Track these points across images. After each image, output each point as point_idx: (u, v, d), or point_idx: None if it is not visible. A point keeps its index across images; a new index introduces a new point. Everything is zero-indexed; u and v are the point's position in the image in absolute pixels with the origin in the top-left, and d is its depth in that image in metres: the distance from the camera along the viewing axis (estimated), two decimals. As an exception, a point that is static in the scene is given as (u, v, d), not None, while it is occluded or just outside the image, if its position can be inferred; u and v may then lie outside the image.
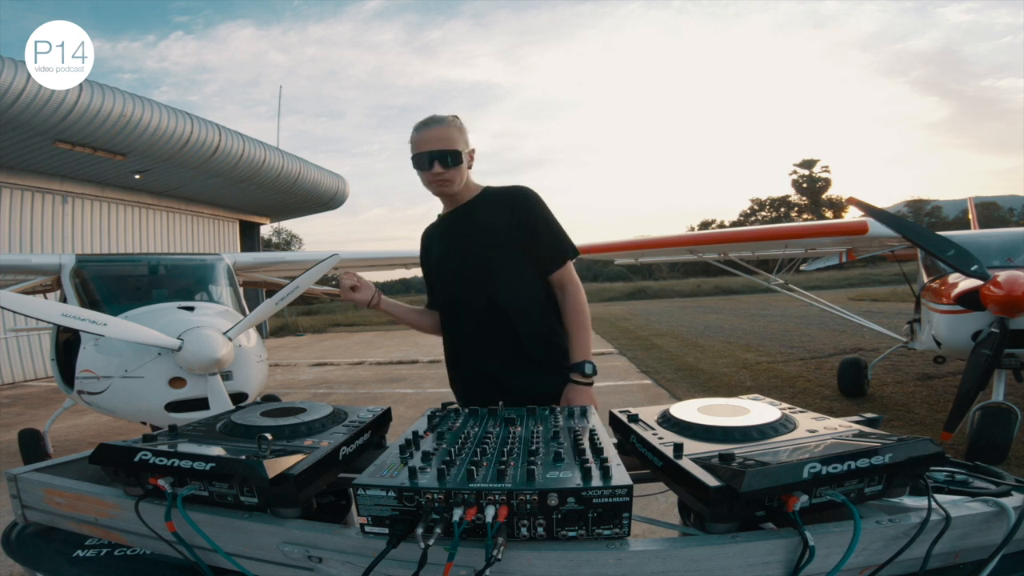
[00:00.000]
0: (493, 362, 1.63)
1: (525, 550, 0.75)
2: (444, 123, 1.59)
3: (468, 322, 1.66)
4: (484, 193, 1.70)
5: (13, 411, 7.22)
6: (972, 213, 8.79)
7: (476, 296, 1.63)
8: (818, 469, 0.73)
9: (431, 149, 1.57)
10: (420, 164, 1.60)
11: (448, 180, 1.60)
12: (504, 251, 1.62)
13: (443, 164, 1.58)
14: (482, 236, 1.63)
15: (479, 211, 1.66)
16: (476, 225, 1.65)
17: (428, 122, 1.60)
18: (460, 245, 1.67)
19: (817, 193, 51.91)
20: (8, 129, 8.17)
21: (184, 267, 4.87)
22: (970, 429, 3.67)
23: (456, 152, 1.58)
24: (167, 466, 0.88)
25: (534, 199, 1.65)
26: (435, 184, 1.62)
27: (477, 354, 1.66)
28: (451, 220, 1.72)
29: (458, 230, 1.68)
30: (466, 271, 1.65)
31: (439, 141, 1.57)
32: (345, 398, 7.24)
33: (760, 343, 10.12)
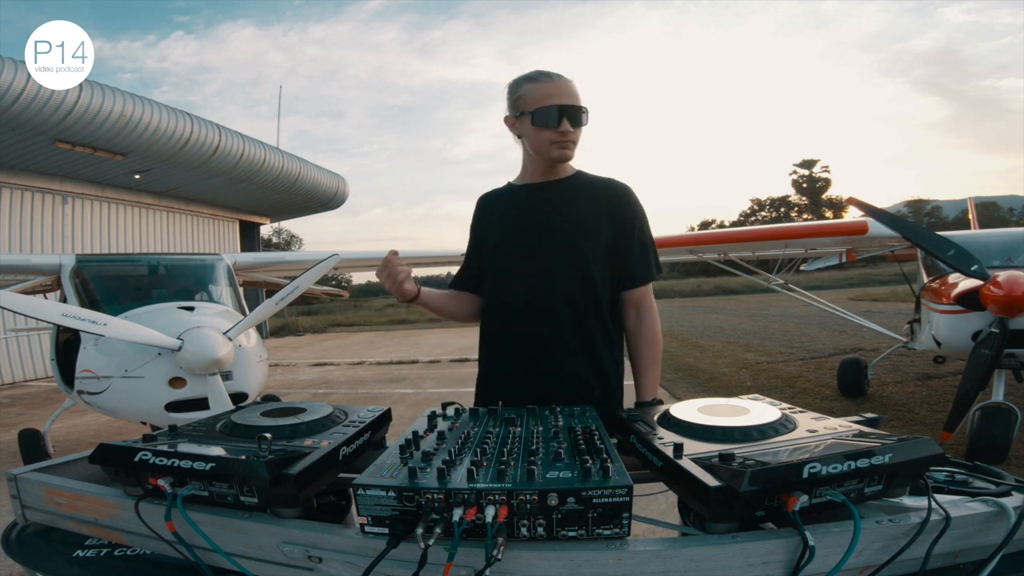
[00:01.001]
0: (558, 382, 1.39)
1: (525, 550, 0.75)
2: (568, 79, 1.38)
3: (524, 315, 1.41)
4: (577, 176, 1.47)
5: (13, 411, 7.22)
6: (972, 213, 8.79)
7: (542, 286, 1.40)
8: (818, 469, 0.73)
9: (563, 103, 1.34)
10: (546, 119, 1.34)
11: (573, 142, 1.38)
12: (590, 245, 1.39)
13: (574, 122, 1.36)
14: (569, 220, 1.40)
15: (570, 193, 1.43)
16: (564, 207, 1.41)
17: (551, 74, 1.37)
18: (538, 222, 1.42)
19: (817, 193, 51.92)
20: (8, 129, 8.17)
21: (184, 267, 4.88)
22: (970, 429, 3.67)
23: (586, 111, 1.37)
24: (167, 466, 0.88)
25: (636, 200, 1.46)
26: (559, 145, 1.37)
27: (522, 352, 1.42)
28: (530, 192, 1.46)
29: (539, 206, 1.43)
30: (538, 255, 1.41)
31: (571, 96, 1.36)
32: (345, 398, 7.24)
33: (760, 343, 10.12)
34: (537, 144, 1.40)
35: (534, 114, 1.36)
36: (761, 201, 55.66)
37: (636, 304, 1.45)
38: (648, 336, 1.44)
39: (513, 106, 1.42)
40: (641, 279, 1.45)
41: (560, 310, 1.39)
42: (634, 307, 1.46)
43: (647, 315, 1.45)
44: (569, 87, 1.37)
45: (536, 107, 1.36)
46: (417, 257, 8.06)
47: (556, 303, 1.39)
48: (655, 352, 1.44)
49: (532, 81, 1.38)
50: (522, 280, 1.43)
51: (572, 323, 1.40)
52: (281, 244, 38.68)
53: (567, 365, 1.40)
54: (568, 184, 1.45)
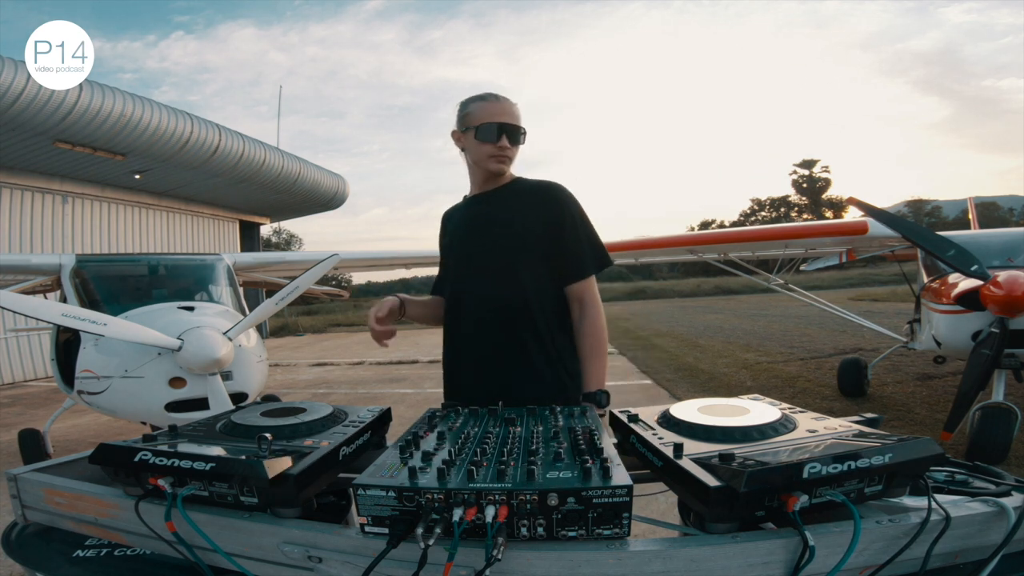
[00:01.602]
0: (494, 366, 1.49)
1: (525, 550, 0.75)
2: (512, 102, 1.52)
3: (472, 318, 1.53)
4: (515, 183, 1.58)
5: (13, 411, 7.22)
6: (972, 213, 8.79)
7: (487, 290, 1.50)
8: (818, 469, 0.73)
9: (505, 121, 1.48)
10: (487, 134, 1.48)
11: (509, 158, 1.52)
12: (527, 250, 1.50)
13: (512, 140, 1.50)
14: (505, 228, 1.51)
15: (507, 201, 1.55)
16: (501, 215, 1.53)
17: (498, 96, 1.52)
18: (480, 232, 1.55)
19: (817, 193, 51.93)
20: (8, 129, 8.17)
21: (184, 267, 4.88)
22: (970, 429, 3.67)
23: (524, 131, 1.52)
24: (167, 466, 0.88)
25: (569, 198, 1.54)
26: (496, 159, 1.51)
27: (477, 354, 1.53)
28: (475, 205, 1.60)
29: (482, 216, 1.56)
30: (481, 261, 1.53)
31: (512, 116, 1.50)
32: (345, 398, 7.24)
33: (760, 343, 10.12)
34: (477, 156, 1.53)
35: (478, 129, 1.49)
36: (761, 201, 55.70)
37: (578, 299, 1.52)
38: (589, 330, 1.50)
39: (460, 121, 1.55)
40: (577, 275, 1.51)
41: (509, 313, 1.49)
42: (577, 302, 1.53)
43: (589, 309, 1.51)
44: (512, 109, 1.51)
45: (480, 123, 1.49)
46: (417, 257, 8.07)
47: (503, 307, 1.49)
48: (597, 345, 1.50)
49: (480, 100, 1.52)
50: (464, 288, 1.56)
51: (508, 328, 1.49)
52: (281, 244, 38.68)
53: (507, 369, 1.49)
54: (505, 192, 1.57)
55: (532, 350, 1.49)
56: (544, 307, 1.50)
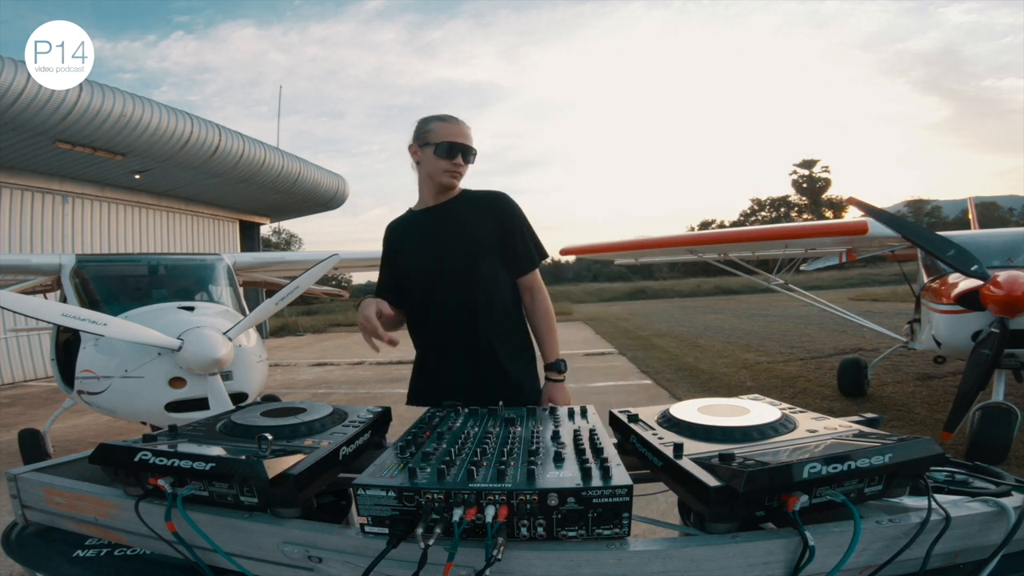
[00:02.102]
0: (468, 363, 1.65)
1: (525, 550, 0.75)
2: (466, 124, 1.72)
3: (444, 321, 1.66)
4: (463, 195, 1.75)
5: (13, 411, 7.22)
6: (972, 213, 8.78)
7: (455, 296, 1.65)
8: (818, 469, 0.73)
9: (462, 142, 1.66)
10: (446, 152, 1.65)
11: (461, 174, 1.69)
12: (486, 253, 1.68)
13: (465, 159, 1.68)
14: (464, 237, 1.67)
15: (460, 212, 1.71)
16: (458, 225, 1.69)
17: (456, 119, 1.70)
18: (441, 243, 1.68)
19: (817, 193, 51.91)
20: (8, 129, 8.16)
21: (184, 267, 4.87)
22: (970, 429, 3.67)
23: (475, 151, 1.70)
24: (167, 466, 0.88)
25: (513, 204, 1.74)
26: (449, 174, 1.67)
27: (450, 354, 1.67)
28: (429, 216, 1.73)
29: (438, 228, 1.70)
30: (446, 270, 1.66)
31: (466, 138, 1.68)
32: (345, 398, 7.24)
33: (760, 343, 10.12)
34: (432, 170, 1.68)
35: (437, 146, 1.66)
36: (761, 201, 55.68)
37: (529, 288, 1.73)
38: (541, 311, 1.73)
39: (419, 137, 1.70)
40: (528, 267, 1.73)
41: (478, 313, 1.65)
42: (528, 291, 1.74)
43: (538, 295, 1.74)
44: (467, 131, 1.70)
45: (439, 141, 1.66)
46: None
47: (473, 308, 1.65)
48: (549, 323, 1.73)
49: (440, 121, 1.69)
50: (432, 290, 1.68)
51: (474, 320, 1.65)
52: (281, 244, 38.67)
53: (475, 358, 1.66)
54: (454, 206, 1.73)
55: (496, 338, 1.66)
56: (503, 298, 1.70)
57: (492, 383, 1.62)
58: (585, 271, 46.52)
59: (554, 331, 1.73)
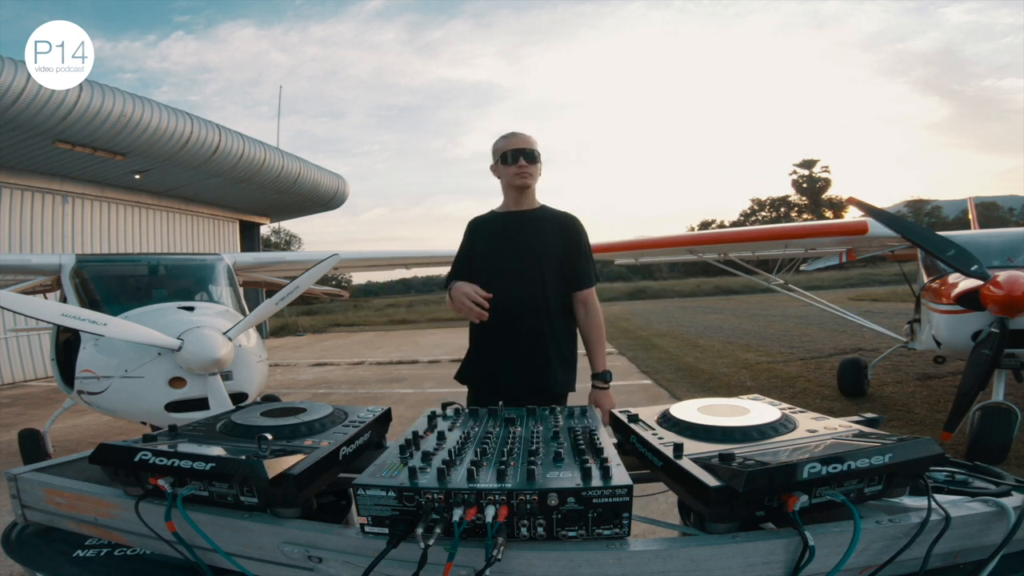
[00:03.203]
0: (525, 354, 1.83)
1: (525, 550, 0.75)
2: (527, 135, 1.93)
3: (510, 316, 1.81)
4: (543, 209, 1.97)
5: (13, 411, 7.21)
6: (972, 213, 8.78)
7: (524, 293, 1.83)
8: (818, 469, 0.73)
9: (520, 147, 1.88)
10: (509, 159, 1.88)
11: (529, 174, 1.88)
12: (555, 262, 1.88)
13: (528, 159, 1.87)
14: (540, 243, 1.88)
15: (539, 221, 1.92)
16: (535, 232, 1.90)
17: (515, 133, 1.92)
18: (514, 244, 1.89)
19: (817, 193, 51.87)
20: (8, 129, 8.16)
21: (184, 267, 4.87)
22: (970, 429, 3.67)
23: (537, 152, 1.90)
24: (167, 466, 0.88)
25: (583, 228, 1.97)
26: (519, 176, 1.87)
27: (511, 345, 1.84)
28: (511, 219, 1.94)
29: (518, 231, 1.91)
30: (512, 269, 1.85)
31: (526, 143, 1.89)
32: (345, 398, 7.24)
33: (760, 343, 10.12)
34: (507, 178, 1.91)
35: (502, 156, 1.91)
36: (761, 201, 55.63)
37: (584, 302, 1.92)
38: (593, 324, 1.92)
39: (493, 155, 1.97)
40: (585, 284, 1.92)
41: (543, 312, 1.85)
42: (582, 304, 1.92)
43: (592, 310, 1.93)
44: (527, 139, 1.91)
45: (503, 152, 1.91)
46: (417, 257, 8.06)
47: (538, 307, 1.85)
48: (600, 336, 1.93)
49: (503, 138, 1.94)
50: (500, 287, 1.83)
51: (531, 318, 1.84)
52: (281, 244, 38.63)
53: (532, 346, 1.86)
54: (534, 215, 1.95)
55: (548, 335, 1.86)
56: (557, 305, 1.89)
57: (533, 369, 1.83)
58: (585, 271, 46.36)
59: (604, 343, 1.92)
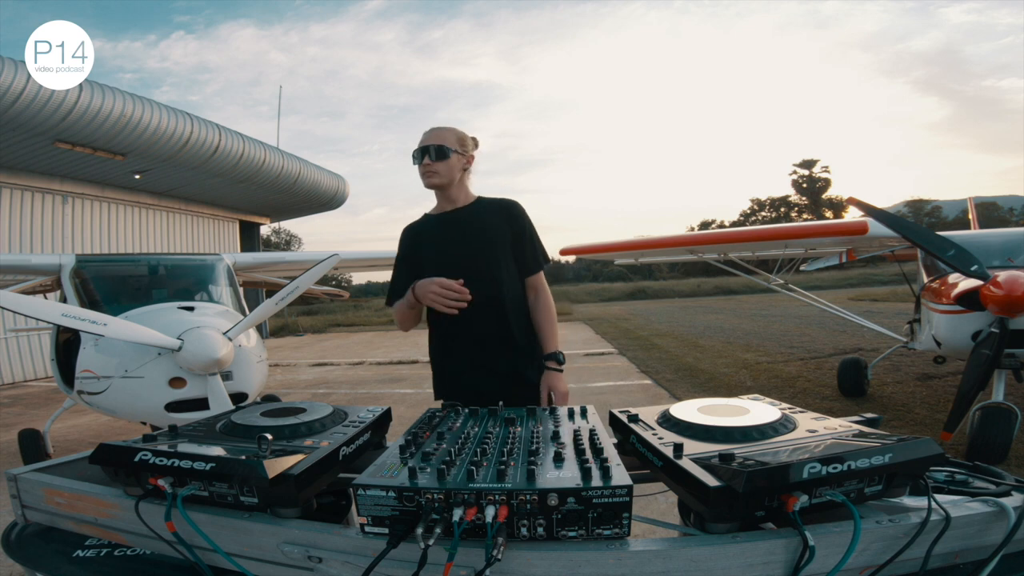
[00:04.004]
0: (488, 352, 1.78)
1: (525, 550, 0.75)
2: (442, 128, 1.84)
3: (467, 316, 1.72)
4: (479, 201, 1.89)
5: (13, 411, 7.21)
6: (972, 213, 8.78)
7: (480, 291, 1.73)
8: (818, 469, 0.73)
9: (423, 144, 1.80)
10: (416, 158, 1.81)
11: (435, 172, 1.79)
12: (502, 253, 1.81)
13: (434, 156, 1.78)
14: (483, 238, 1.80)
15: (477, 216, 1.84)
16: (476, 228, 1.82)
17: (430, 129, 1.84)
18: (462, 244, 1.81)
19: (817, 193, 51.88)
20: (8, 129, 8.15)
21: (184, 267, 4.87)
22: (970, 429, 3.67)
23: (442, 147, 1.78)
24: (167, 466, 0.88)
25: (524, 212, 1.89)
26: (424, 176, 1.81)
27: (473, 345, 1.78)
28: (447, 221, 1.86)
29: (458, 231, 1.83)
30: (468, 269, 1.75)
31: (429, 138, 1.81)
32: (345, 398, 7.23)
33: (760, 343, 10.12)
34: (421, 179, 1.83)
35: (412, 157, 1.83)
36: (761, 201, 55.63)
37: (534, 287, 1.87)
38: (543, 307, 1.86)
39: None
40: (535, 269, 1.87)
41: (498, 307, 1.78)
42: (533, 289, 1.88)
43: (542, 293, 1.87)
44: (434, 134, 1.81)
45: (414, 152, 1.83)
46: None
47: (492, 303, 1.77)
48: (551, 318, 1.86)
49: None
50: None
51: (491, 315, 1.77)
52: (281, 244, 38.65)
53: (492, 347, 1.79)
54: (472, 210, 1.87)
55: (510, 330, 1.80)
56: (514, 296, 1.83)
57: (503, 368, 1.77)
58: (585, 271, 46.55)
59: (554, 325, 1.86)
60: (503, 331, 1.79)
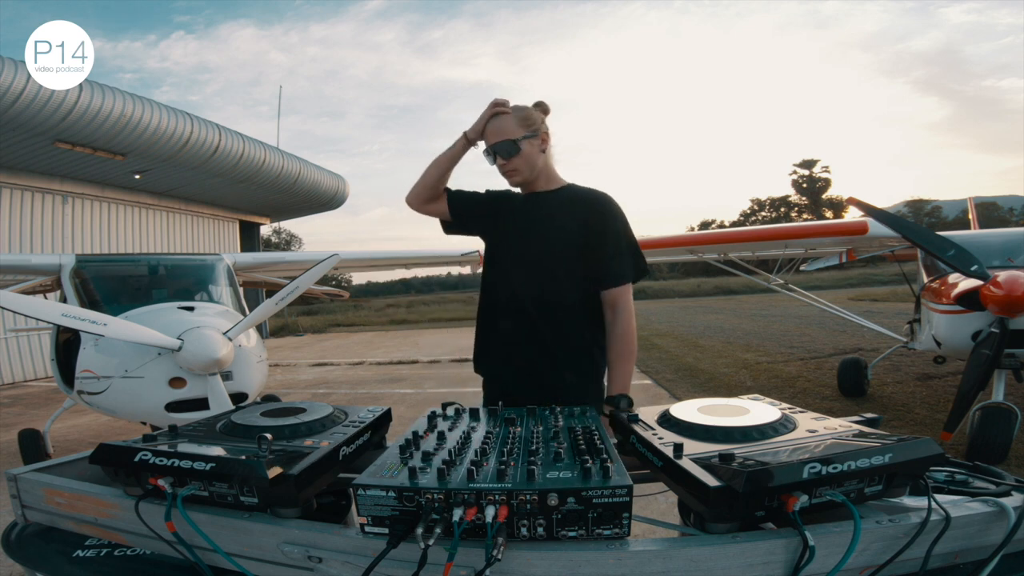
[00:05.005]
0: (532, 356, 1.57)
1: (525, 550, 0.75)
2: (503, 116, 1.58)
3: (516, 311, 1.58)
4: (565, 189, 1.66)
5: (13, 411, 7.21)
6: (972, 213, 8.78)
7: (532, 287, 1.56)
8: (818, 469, 0.73)
9: (494, 141, 1.57)
10: (489, 159, 1.61)
11: (514, 170, 1.59)
12: (567, 253, 1.56)
13: (502, 156, 1.57)
14: (556, 232, 1.58)
15: (558, 206, 1.61)
16: (552, 219, 1.60)
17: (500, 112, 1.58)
18: (527, 235, 1.61)
19: (817, 193, 51.87)
20: (8, 129, 8.16)
21: (184, 267, 4.88)
22: (970, 429, 3.67)
23: (510, 142, 1.55)
24: (167, 466, 0.88)
25: (612, 209, 1.60)
26: (505, 176, 1.62)
27: (517, 344, 1.59)
28: (528, 203, 1.66)
29: (533, 217, 1.62)
30: (528, 258, 1.59)
31: (496, 134, 1.57)
32: (345, 398, 7.23)
33: (760, 343, 10.12)
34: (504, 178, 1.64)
35: (484, 152, 1.62)
36: (761, 201, 55.63)
37: (612, 303, 1.56)
38: (620, 334, 1.54)
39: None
40: (614, 281, 1.56)
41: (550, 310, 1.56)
42: (610, 306, 1.57)
43: (622, 314, 1.55)
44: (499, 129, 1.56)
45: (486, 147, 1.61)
46: (417, 257, 8.07)
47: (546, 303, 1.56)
48: (627, 350, 1.54)
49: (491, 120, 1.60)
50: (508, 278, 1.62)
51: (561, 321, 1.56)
52: (281, 244, 38.64)
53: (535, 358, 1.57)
54: (554, 198, 1.64)
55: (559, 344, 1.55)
56: (573, 304, 1.57)
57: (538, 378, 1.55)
58: (585, 271, 46.36)
59: (629, 359, 1.54)
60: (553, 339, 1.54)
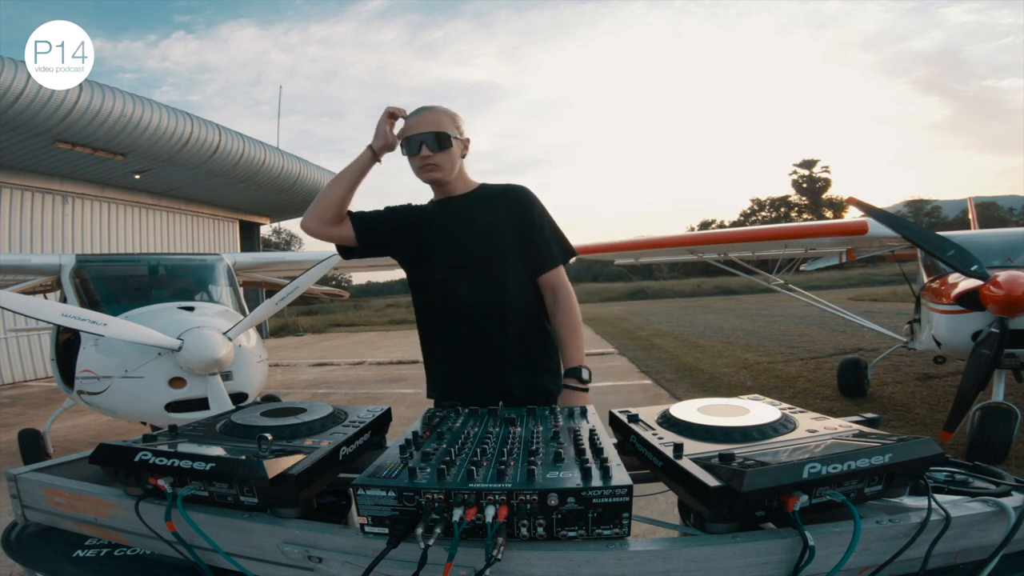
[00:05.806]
0: (490, 361, 1.56)
1: (525, 550, 0.75)
2: (433, 110, 1.56)
3: (465, 319, 1.56)
4: (481, 189, 1.65)
5: (13, 411, 7.21)
6: (972, 213, 8.78)
7: (475, 293, 1.55)
8: (818, 469, 0.73)
9: (420, 132, 1.52)
10: (409, 148, 1.53)
11: (436, 165, 1.53)
12: (506, 250, 1.57)
13: (430, 147, 1.51)
14: (483, 232, 1.57)
15: (478, 206, 1.60)
16: (476, 221, 1.58)
17: (418, 110, 1.57)
18: (460, 239, 1.59)
19: (817, 193, 51.89)
20: (8, 129, 8.16)
21: (184, 267, 4.88)
22: (970, 429, 3.67)
23: (444, 135, 1.52)
24: (167, 466, 0.88)
25: (532, 198, 1.62)
26: (424, 170, 1.55)
27: (473, 352, 1.57)
28: (447, 209, 1.62)
29: (457, 223, 1.60)
30: (466, 267, 1.57)
31: (429, 125, 1.52)
32: (345, 398, 7.23)
33: (760, 343, 10.12)
34: (414, 171, 1.58)
35: (401, 145, 1.56)
36: (761, 201, 55.65)
37: (551, 287, 1.60)
38: (564, 313, 1.57)
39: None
40: (549, 265, 1.60)
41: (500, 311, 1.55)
42: (550, 290, 1.60)
43: (562, 293, 1.59)
44: (430, 118, 1.53)
45: (402, 140, 1.55)
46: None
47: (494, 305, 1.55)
48: (574, 325, 1.57)
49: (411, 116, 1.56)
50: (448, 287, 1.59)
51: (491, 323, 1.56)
52: (281, 244, 38.63)
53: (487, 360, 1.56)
54: (472, 199, 1.62)
55: (511, 343, 1.56)
56: (523, 302, 1.59)
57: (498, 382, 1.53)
58: (585, 271, 46.48)
59: (577, 333, 1.56)
60: (508, 339, 1.54)
